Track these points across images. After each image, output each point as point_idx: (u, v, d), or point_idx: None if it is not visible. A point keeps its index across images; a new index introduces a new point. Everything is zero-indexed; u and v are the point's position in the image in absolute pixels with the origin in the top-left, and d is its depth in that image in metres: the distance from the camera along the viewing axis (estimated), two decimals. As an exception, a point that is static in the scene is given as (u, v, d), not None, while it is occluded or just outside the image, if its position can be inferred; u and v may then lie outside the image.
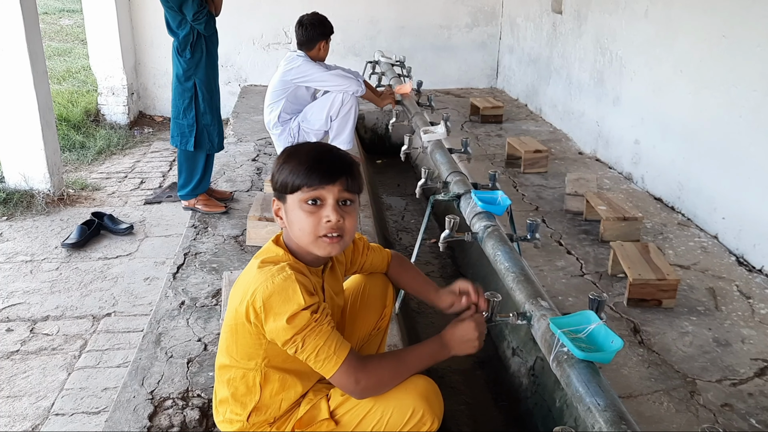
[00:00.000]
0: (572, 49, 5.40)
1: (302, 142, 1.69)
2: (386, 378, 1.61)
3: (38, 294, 3.37)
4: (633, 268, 2.86)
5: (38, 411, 2.54)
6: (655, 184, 4.14)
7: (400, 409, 1.60)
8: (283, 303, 1.50)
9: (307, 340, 1.51)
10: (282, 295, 1.50)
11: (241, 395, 1.66)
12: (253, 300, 1.52)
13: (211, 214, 3.64)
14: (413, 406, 1.60)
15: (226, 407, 1.69)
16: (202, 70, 3.56)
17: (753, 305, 2.87)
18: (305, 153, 1.61)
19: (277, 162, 1.63)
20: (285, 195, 1.60)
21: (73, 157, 5.51)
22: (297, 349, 1.52)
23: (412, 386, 1.63)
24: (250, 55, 7.01)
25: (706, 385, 2.32)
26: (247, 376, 1.65)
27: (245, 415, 1.66)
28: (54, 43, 9.56)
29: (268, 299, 1.50)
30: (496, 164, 4.72)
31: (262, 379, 1.64)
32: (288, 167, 1.58)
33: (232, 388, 1.66)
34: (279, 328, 1.51)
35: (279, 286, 1.51)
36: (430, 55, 7.23)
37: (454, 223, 2.46)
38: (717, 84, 3.54)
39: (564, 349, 1.60)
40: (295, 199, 1.57)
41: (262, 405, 1.66)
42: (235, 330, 1.61)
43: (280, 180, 1.59)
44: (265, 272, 1.54)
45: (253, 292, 1.52)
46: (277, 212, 1.65)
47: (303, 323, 1.50)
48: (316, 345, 1.52)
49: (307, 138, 4.27)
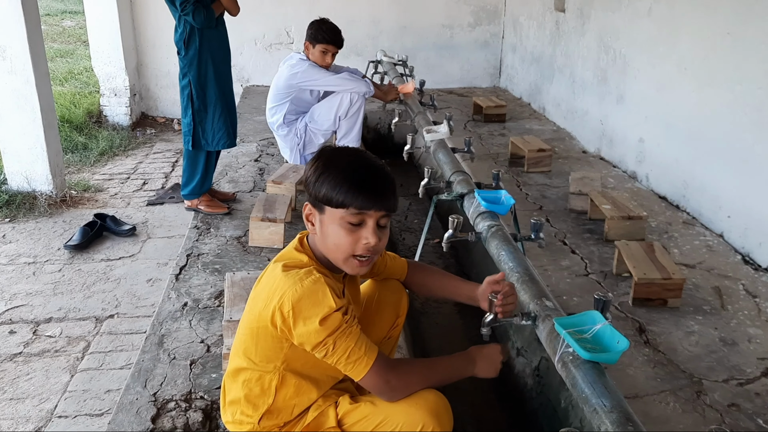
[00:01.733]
0: (575, 48, 5.38)
1: (341, 147, 1.62)
2: (415, 381, 1.61)
3: (41, 296, 3.36)
4: (638, 267, 2.84)
5: (41, 413, 2.54)
6: (659, 182, 4.12)
7: (409, 424, 1.58)
8: (313, 306, 1.49)
9: (338, 342, 1.51)
10: (312, 298, 1.49)
11: (255, 397, 1.64)
12: (281, 304, 1.50)
13: (213, 215, 3.63)
14: (423, 421, 1.57)
15: (237, 408, 1.67)
16: (195, 67, 3.53)
17: (759, 304, 2.85)
18: (351, 168, 1.54)
19: (315, 167, 1.56)
20: (324, 206, 1.55)
21: (75, 159, 5.51)
22: (327, 352, 1.51)
23: (422, 400, 1.60)
24: (252, 55, 7.00)
25: (713, 385, 2.30)
26: (263, 378, 1.63)
27: (257, 417, 1.65)
28: (56, 45, 9.58)
29: (298, 303, 1.49)
30: (499, 164, 4.71)
31: (279, 382, 1.62)
32: (331, 180, 1.52)
33: (246, 389, 1.64)
34: (311, 332, 1.49)
35: (308, 289, 1.49)
36: (433, 54, 7.22)
37: (457, 223, 2.45)
38: (721, 82, 3.52)
39: (569, 350, 1.59)
40: (336, 215, 1.54)
41: (275, 409, 1.65)
42: (256, 333, 1.59)
43: (322, 192, 1.53)
44: (292, 276, 1.52)
45: (281, 296, 1.50)
46: (308, 217, 1.61)
47: (335, 325, 1.49)
48: (347, 347, 1.52)
49: (314, 138, 4.27)
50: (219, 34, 3.63)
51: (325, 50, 4.11)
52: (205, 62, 3.55)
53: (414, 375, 1.62)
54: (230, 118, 3.72)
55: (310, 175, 1.57)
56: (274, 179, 3.76)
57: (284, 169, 3.98)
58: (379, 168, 1.58)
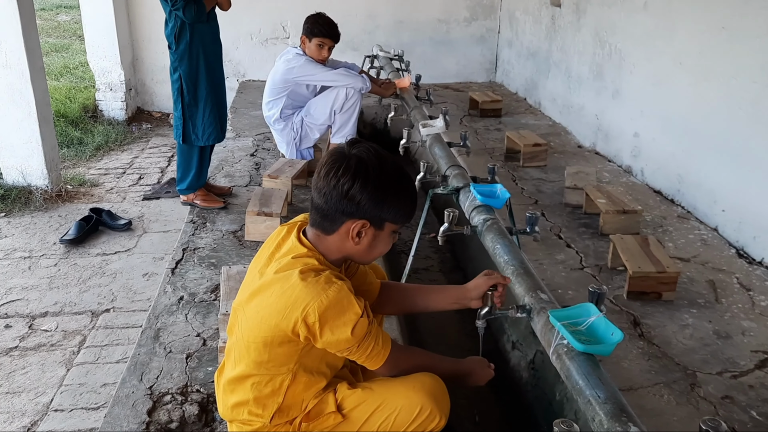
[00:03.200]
0: (571, 43, 5.38)
1: (402, 171, 1.63)
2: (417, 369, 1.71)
3: (37, 290, 3.36)
4: (633, 261, 2.85)
5: (37, 407, 2.54)
6: (654, 177, 4.13)
7: (408, 407, 1.62)
8: (340, 315, 1.52)
9: (362, 345, 1.58)
10: (337, 307, 1.52)
11: (265, 397, 1.63)
12: (305, 315, 1.50)
13: (209, 210, 3.63)
14: (421, 403, 1.61)
15: (244, 408, 1.65)
16: (186, 62, 3.51)
17: (753, 297, 2.86)
18: (412, 192, 1.65)
19: (383, 188, 1.56)
20: (386, 223, 1.61)
21: (71, 153, 5.50)
22: (351, 352, 1.59)
23: (420, 384, 1.65)
24: (248, 50, 6.99)
25: (707, 378, 2.32)
26: (275, 380, 1.62)
27: (267, 416, 1.64)
28: (51, 39, 9.55)
29: (324, 313, 1.50)
30: (495, 158, 4.71)
31: (291, 381, 1.63)
32: (402, 204, 1.61)
33: (255, 391, 1.63)
34: (341, 340, 1.54)
35: (334, 299, 1.51)
36: (429, 49, 7.21)
37: (453, 217, 2.45)
38: (717, 76, 3.53)
39: (564, 342, 1.60)
40: (392, 228, 1.63)
41: (285, 407, 1.65)
42: (270, 343, 1.57)
43: (389, 213, 1.59)
44: (313, 285, 1.51)
45: (304, 307, 1.50)
46: (360, 232, 1.59)
47: (363, 332, 1.56)
48: (369, 345, 1.59)
49: (310, 133, 4.27)
50: (210, 29, 3.62)
51: (321, 44, 4.10)
52: (196, 57, 3.54)
53: (417, 363, 1.73)
54: (220, 113, 3.72)
55: (363, 196, 1.54)
56: (270, 173, 3.76)
57: (280, 163, 3.98)
58: (411, 179, 1.69)
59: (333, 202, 1.56)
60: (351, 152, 1.57)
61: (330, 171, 1.55)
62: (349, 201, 1.54)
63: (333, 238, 1.61)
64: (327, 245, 1.62)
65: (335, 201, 1.55)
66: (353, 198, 1.54)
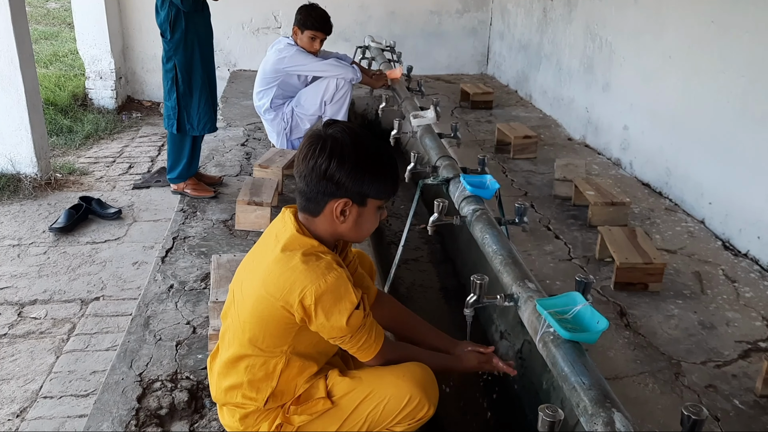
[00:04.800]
0: (562, 36, 5.40)
1: (379, 146, 1.64)
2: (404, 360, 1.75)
3: (26, 278, 3.35)
4: (620, 252, 2.88)
5: (26, 394, 2.54)
6: (643, 169, 4.16)
7: (397, 396, 1.65)
8: (336, 301, 1.55)
9: (355, 336, 1.61)
10: (335, 293, 1.54)
11: (258, 381, 1.65)
12: (302, 297, 1.53)
13: (199, 199, 3.63)
14: (410, 392, 1.64)
15: (238, 392, 1.67)
16: (181, 51, 3.49)
17: (738, 289, 2.90)
18: (392, 166, 1.65)
19: (345, 164, 1.55)
20: (368, 199, 1.62)
21: (60, 142, 5.47)
22: (344, 341, 1.62)
23: (409, 373, 1.68)
24: (239, 39, 6.96)
25: (691, 367, 2.35)
26: (268, 362, 1.64)
27: (261, 399, 1.66)
28: (41, 27, 9.47)
29: (320, 297, 1.53)
30: (485, 150, 4.73)
31: (284, 365, 1.65)
32: (382, 178, 1.61)
33: (249, 374, 1.65)
34: (334, 327, 1.56)
35: (332, 285, 1.54)
36: (421, 41, 7.21)
37: (442, 207, 2.47)
38: (705, 70, 3.56)
39: (550, 330, 1.62)
40: (376, 204, 1.64)
41: (279, 392, 1.67)
42: (267, 321, 1.60)
43: (370, 189, 1.60)
44: (313, 268, 1.54)
45: (302, 289, 1.53)
46: (343, 210, 1.60)
47: (358, 323, 1.59)
48: (361, 338, 1.62)
49: (301, 123, 4.27)
50: (204, 18, 3.60)
51: (313, 36, 4.10)
52: (191, 46, 3.52)
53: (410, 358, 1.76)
54: (212, 102, 3.71)
55: (341, 174, 1.55)
56: (261, 163, 3.76)
57: (271, 153, 3.98)
58: (392, 154, 1.69)
59: (313, 183, 1.58)
60: (327, 133, 1.59)
61: (307, 153, 1.58)
62: (328, 181, 1.56)
63: (320, 220, 1.63)
64: (316, 228, 1.64)
65: (315, 182, 1.57)
66: (332, 177, 1.56)
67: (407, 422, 1.67)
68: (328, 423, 1.67)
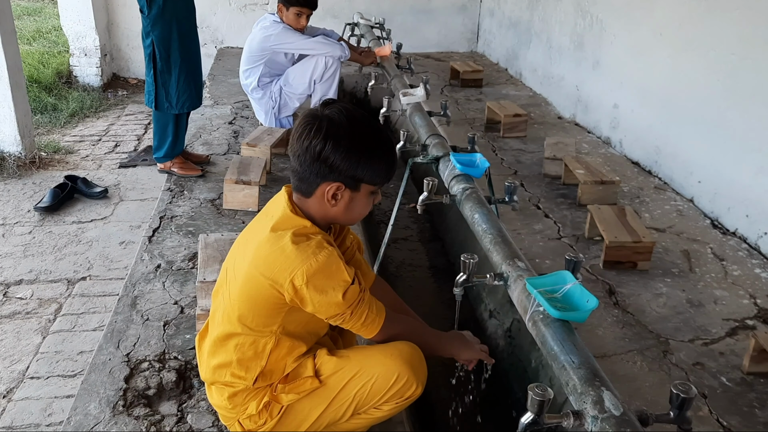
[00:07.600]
0: (553, 13, 5.35)
1: (377, 130, 1.61)
2: (408, 336, 1.74)
3: (11, 258, 3.31)
4: (609, 231, 2.88)
5: (13, 374, 2.52)
6: (632, 148, 4.16)
7: (384, 375, 1.64)
8: (328, 278, 1.53)
9: (355, 312, 1.59)
10: (326, 272, 1.52)
11: (248, 360, 1.64)
12: (293, 277, 1.51)
13: (187, 178, 3.59)
14: (398, 371, 1.64)
15: (226, 370, 1.66)
16: (159, 26, 3.42)
17: (726, 267, 2.91)
18: (388, 151, 1.63)
19: (339, 147, 1.52)
20: (361, 184, 1.59)
21: (45, 120, 5.39)
22: (345, 320, 1.60)
23: (397, 351, 1.67)
24: (226, 16, 6.87)
25: (679, 345, 2.36)
26: (257, 342, 1.63)
27: (250, 378, 1.65)
28: (23, 3, 9.30)
29: (313, 276, 1.51)
30: (475, 128, 4.70)
31: (274, 345, 1.64)
32: (377, 164, 1.58)
33: (239, 353, 1.64)
34: (331, 303, 1.55)
35: (323, 263, 1.52)
36: (410, 18, 7.13)
37: (432, 186, 2.45)
38: (695, 47, 3.54)
39: (540, 309, 1.61)
40: (369, 189, 1.61)
41: (268, 371, 1.66)
42: (255, 300, 1.59)
43: (364, 173, 1.56)
44: (304, 249, 1.52)
45: (292, 270, 1.51)
46: (335, 194, 1.57)
47: (354, 297, 1.57)
48: (362, 313, 1.61)
49: (289, 102, 4.23)
50: None
51: (299, 12, 4.04)
52: (169, 22, 3.45)
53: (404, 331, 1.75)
54: (195, 79, 3.65)
55: (335, 157, 1.52)
56: (249, 142, 3.73)
57: (259, 131, 3.94)
58: (389, 138, 1.65)
59: (306, 164, 1.55)
60: (323, 113, 1.55)
61: (303, 133, 1.55)
62: (321, 163, 1.53)
63: (312, 201, 1.61)
64: (308, 208, 1.62)
65: (308, 163, 1.55)
66: (326, 160, 1.53)
67: (395, 401, 1.67)
68: (316, 402, 1.66)
